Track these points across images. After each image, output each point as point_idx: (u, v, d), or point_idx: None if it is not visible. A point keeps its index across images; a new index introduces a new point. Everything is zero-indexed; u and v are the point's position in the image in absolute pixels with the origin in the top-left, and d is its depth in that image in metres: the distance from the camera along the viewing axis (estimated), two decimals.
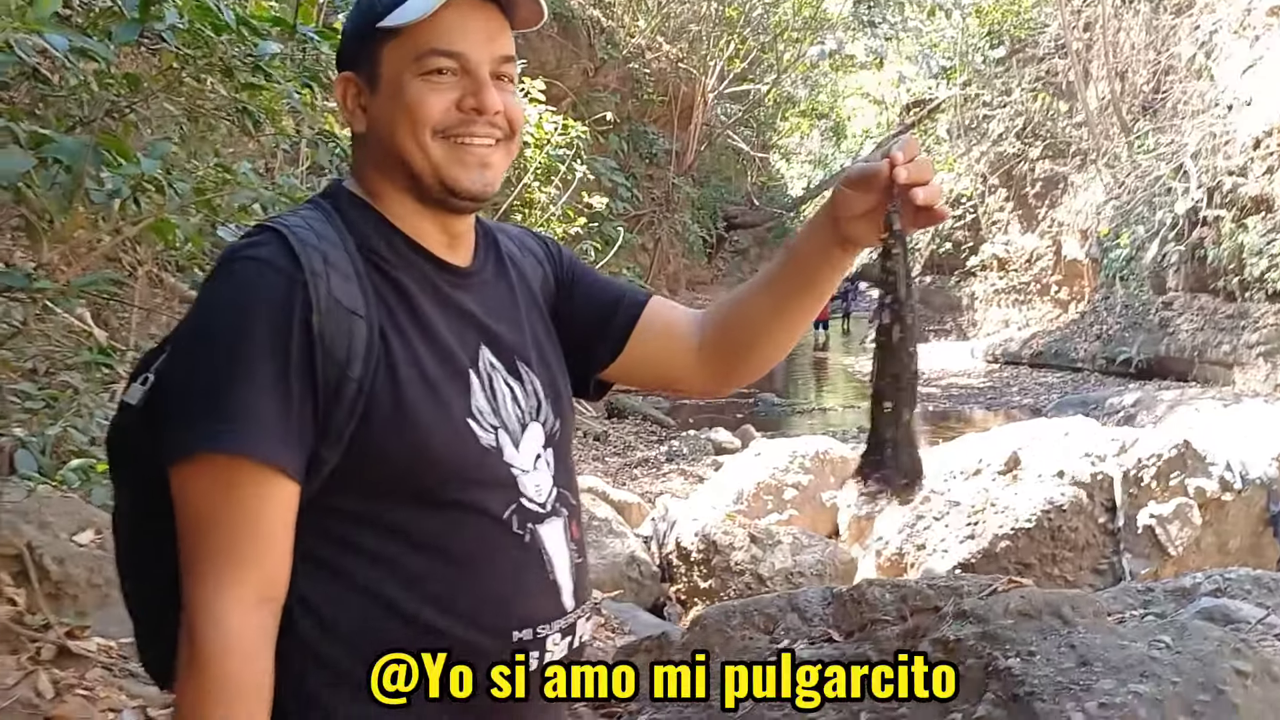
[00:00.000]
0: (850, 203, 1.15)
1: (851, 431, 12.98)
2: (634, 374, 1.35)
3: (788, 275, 1.26)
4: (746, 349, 1.32)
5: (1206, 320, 13.69)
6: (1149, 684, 1.67)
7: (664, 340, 1.31)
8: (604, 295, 1.32)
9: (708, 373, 1.34)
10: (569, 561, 1.15)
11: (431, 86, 1.08)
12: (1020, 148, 20.86)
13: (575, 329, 1.29)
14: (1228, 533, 5.97)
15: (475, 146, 1.10)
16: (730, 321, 1.31)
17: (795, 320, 1.29)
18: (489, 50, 1.10)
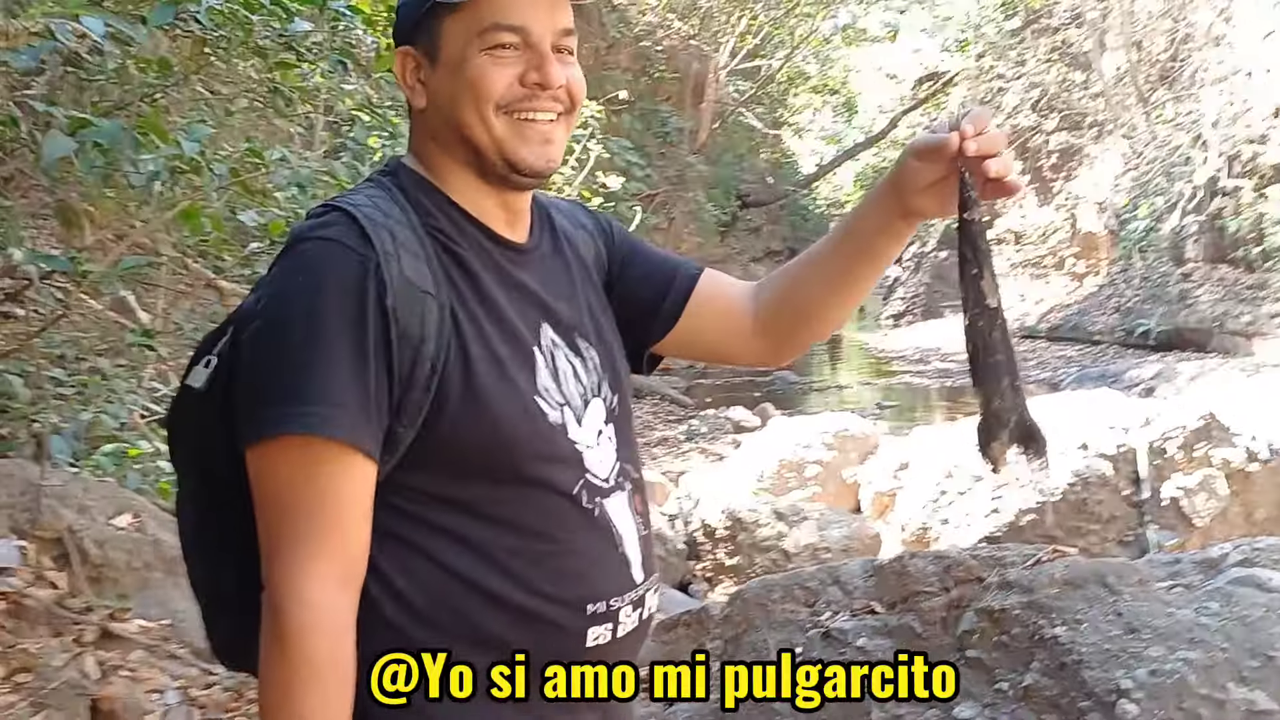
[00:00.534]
0: (917, 175, 1.14)
1: (869, 409, 12.98)
2: (688, 347, 1.35)
3: (848, 247, 1.25)
4: (805, 319, 1.31)
5: (1226, 291, 13.60)
6: (1198, 651, 1.67)
7: (719, 313, 1.31)
8: (658, 270, 1.31)
9: (764, 344, 1.34)
10: (636, 534, 1.15)
11: (495, 61, 1.07)
12: (1036, 120, 20.69)
13: (629, 304, 1.28)
14: (1254, 503, 5.95)
15: (538, 122, 1.09)
16: (788, 293, 1.31)
17: (855, 291, 1.29)
18: (551, 23, 1.09)
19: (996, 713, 1.74)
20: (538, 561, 1.07)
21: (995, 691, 1.78)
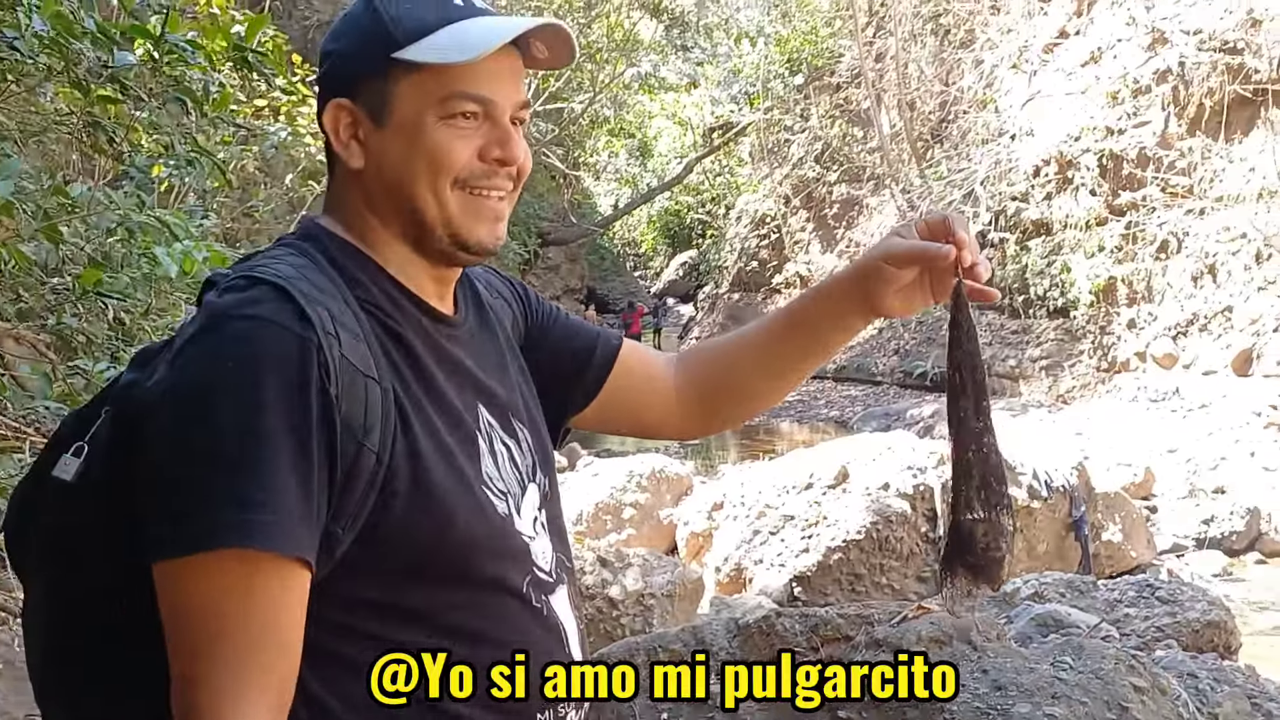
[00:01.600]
0: (891, 278, 1.13)
1: (674, 448, 13.19)
2: (608, 419, 1.29)
3: (795, 336, 1.23)
4: (739, 399, 1.29)
5: (994, 336, 14.68)
6: (1061, 705, 1.75)
7: (640, 385, 1.27)
8: (579, 339, 1.26)
9: (688, 418, 1.30)
10: (576, 629, 1.08)
11: (454, 131, 0.98)
12: (819, 171, 21.82)
13: (549, 375, 1.21)
14: (1036, 538, 6.39)
15: (492, 199, 1.02)
16: (722, 371, 1.28)
17: (796, 377, 1.28)
18: (514, 95, 1.02)
19: None
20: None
21: None
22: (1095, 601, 4.72)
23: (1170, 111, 11.49)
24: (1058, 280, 12.89)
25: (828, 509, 6.37)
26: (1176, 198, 11.33)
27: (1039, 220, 13.54)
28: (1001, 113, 14.78)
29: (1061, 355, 13.15)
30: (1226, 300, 10.77)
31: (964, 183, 14.83)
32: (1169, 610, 4.60)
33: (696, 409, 1.29)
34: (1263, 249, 10.31)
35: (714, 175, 29.91)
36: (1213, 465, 9.51)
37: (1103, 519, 6.85)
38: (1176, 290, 11.43)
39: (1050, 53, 13.96)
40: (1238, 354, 10.44)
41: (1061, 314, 13.16)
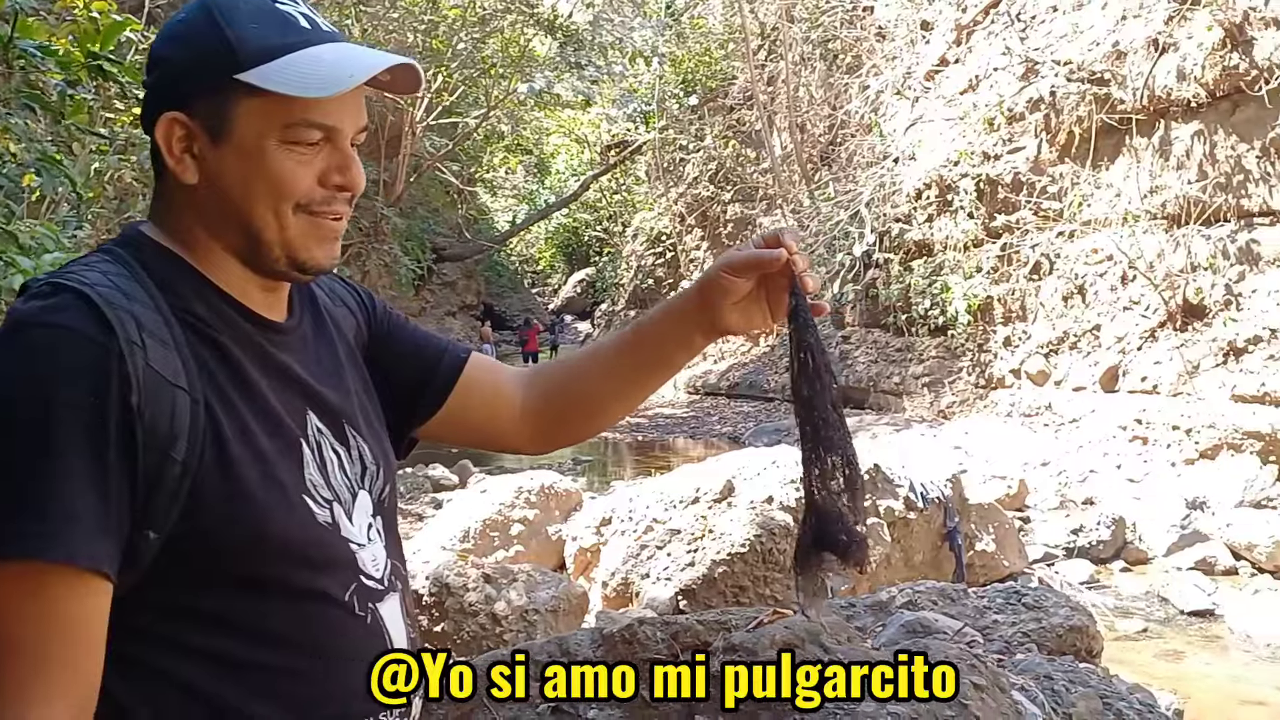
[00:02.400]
0: (730, 290, 1.16)
1: (566, 464, 13.20)
2: (452, 430, 1.30)
3: (641, 354, 1.26)
4: (584, 415, 1.31)
5: (879, 353, 15.09)
6: (905, 705, 1.82)
7: (487, 397, 1.28)
8: (425, 349, 1.26)
9: (533, 432, 1.31)
10: (407, 639, 1.09)
11: (296, 157, 0.98)
12: (714, 190, 22.16)
13: (393, 384, 1.22)
14: (913, 549, 6.57)
15: (331, 221, 1.02)
16: (566, 388, 1.30)
17: (640, 394, 1.30)
18: (357, 122, 1.02)
19: None
20: (307, 680, 0.98)
21: None
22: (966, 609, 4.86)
23: (1042, 138, 12.02)
24: (938, 300, 13.32)
25: (713, 523, 6.45)
26: (1048, 221, 11.84)
27: (921, 241, 13.98)
28: (886, 137, 15.24)
29: (942, 372, 13.59)
30: (1095, 319, 11.28)
31: (850, 204, 15.22)
32: (1034, 616, 4.77)
33: (542, 423, 1.30)
34: (1128, 271, 10.84)
35: (611, 193, 30.12)
36: (1082, 477, 9.93)
37: (977, 529, 7.09)
38: (1048, 310, 11.93)
39: (932, 80, 14.46)
40: (1105, 371, 10.93)
41: (942, 332, 13.59)
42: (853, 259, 15.04)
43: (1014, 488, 9.51)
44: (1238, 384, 9.38)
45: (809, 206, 17.47)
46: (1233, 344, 9.51)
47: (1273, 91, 8.96)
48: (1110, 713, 2.91)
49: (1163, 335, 10.40)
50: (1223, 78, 9.59)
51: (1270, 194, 9.34)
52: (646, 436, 16.42)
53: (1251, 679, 5.91)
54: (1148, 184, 10.64)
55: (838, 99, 18.06)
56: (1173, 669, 6.11)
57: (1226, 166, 9.72)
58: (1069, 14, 11.93)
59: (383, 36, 17.09)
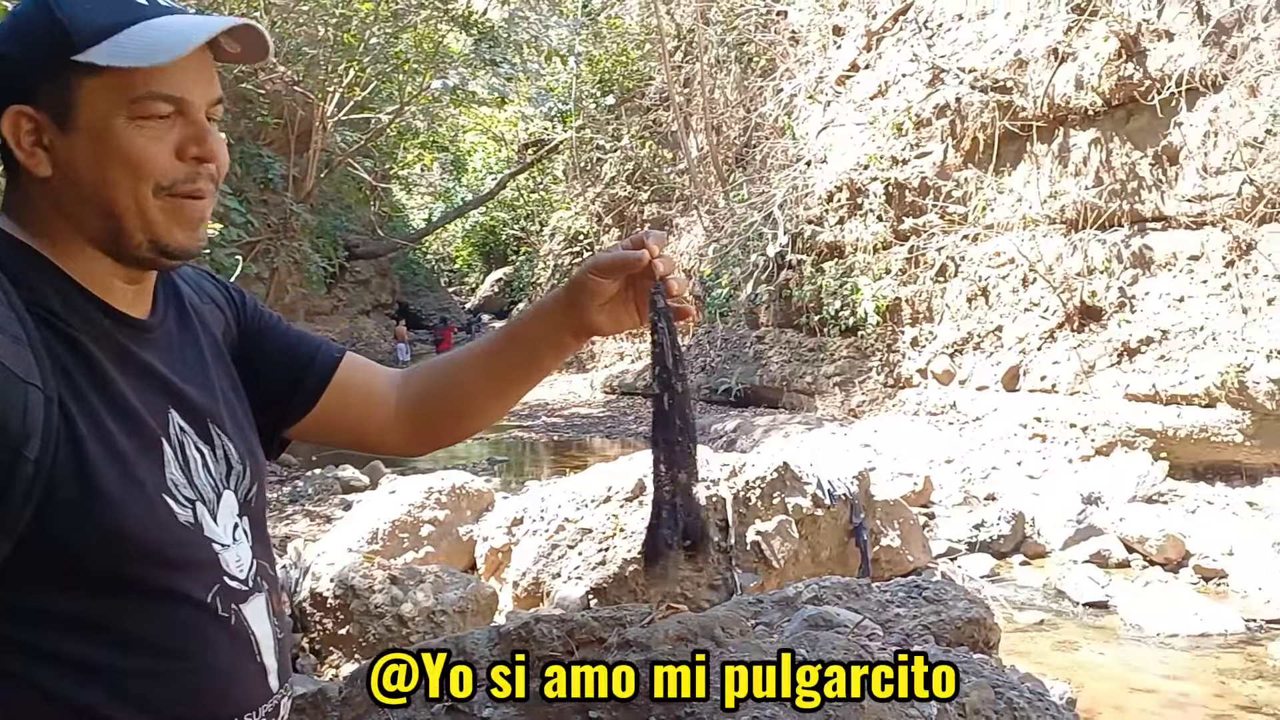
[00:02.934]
0: (597, 290, 1.17)
1: (481, 464, 13.11)
2: (325, 431, 1.28)
3: (512, 355, 1.26)
4: (456, 416, 1.30)
5: (792, 353, 15.30)
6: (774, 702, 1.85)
7: (360, 398, 1.26)
8: (297, 348, 1.24)
9: (407, 434, 1.30)
10: (273, 639, 1.07)
11: (147, 133, 0.95)
12: (631, 191, 22.22)
13: (265, 384, 1.20)
14: (820, 545, 6.68)
15: (195, 202, 1.00)
16: (441, 388, 1.29)
17: (512, 396, 1.30)
18: (208, 93, 1.00)
19: None
20: (165, 683, 0.95)
21: None
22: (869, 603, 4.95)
23: (948, 144, 12.32)
24: (849, 301, 13.56)
25: (625, 521, 6.47)
26: (953, 224, 12.14)
27: (832, 243, 14.21)
28: (799, 140, 15.45)
29: (852, 372, 13.83)
30: (997, 320, 11.60)
31: (764, 205, 15.40)
32: (934, 609, 4.88)
33: (417, 424, 1.30)
34: (1028, 273, 11.17)
35: (529, 192, 29.99)
36: (984, 474, 10.21)
37: (882, 525, 7.23)
38: (954, 311, 12.23)
39: (843, 84, 14.70)
40: (1007, 370, 11.26)
41: (852, 333, 13.84)
42: (766, 260, 15.22)
43: (920, 484, 9.74)
44: (1131, 383, 9.74)
45: (724, 207, 17.62)
46: (1126, 345, 9.88)
47: (1164, 101, 9.33)
48: (1002, 701, 2.99)
49: (1061, 336, 10.75)
50: (1118, 87, 9.95)
51: (1162, 200, 9.72)
52: (563, 436, 16.40)
53: (1142, 668, 6.14)
54: (1047, 189, 10.98)
55: (752, 101, 18.26)
56: (1067, 659, 6.32)
57: (1121, 173, 10.09)
58: (973, 22, 12.25)
59: (293, 29, 16.77)
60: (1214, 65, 9.02)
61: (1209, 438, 9.10)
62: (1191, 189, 9.36)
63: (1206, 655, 6.21)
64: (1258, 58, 8.66)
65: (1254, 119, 8.70)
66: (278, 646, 1.08)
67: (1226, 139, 8.93)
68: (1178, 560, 7.79)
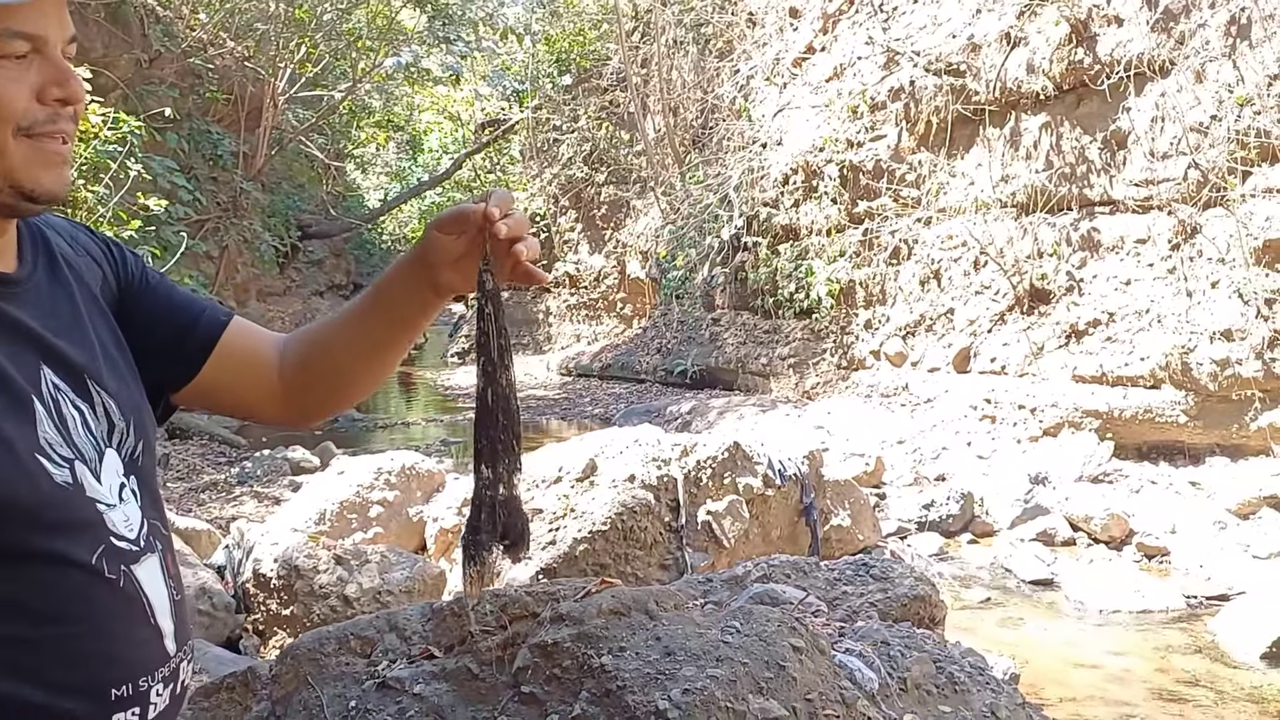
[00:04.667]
0: (443, 248, 1.13)
1: (435, 445, 13.02)
2: (209, 398, 1.23)
3: (378, 314, 1.21)
4: (333, 384, 1.25)
5: (748, 335, 15.34)
6: (724, 667, 1.84)
7: (245, 365, 1.21)
8: (181, 310, 1.19)
9: (290, 404, 1.25)
10: (169, 601, 1.03)
11: (6, 74, 0.91)
12: (588, 172, 22.10)
13: (146, 344, 1.14)
14: (771, 524, 6.71)
15: (58, 143, 0.95)
16: (314, 356, 1.24)
17: (385, 359, 1.25)
18: (63, 31, 0.95)
19: None
20: (49, 649, 0.91)
21: None
22: (817, 581, 4.98)
23: (902, 127, 12.37)
24: (803, 283, 13.60)
25: (575, 501, 6.45)
26: (907, 208, 12.21)
27: (788, 226, 14.24)
28: (755, 122, 15.45)
29: (807, 354, 13.90)
30: (949, 303, 11.70)
31: (719, 187, 15.39)
32: (881, 587, 4.92)
33: (297, 396, 1.25)
34: (980, 256, 11.27)
35: (485, 172, 29.72)
36: (935, 455, 10.31)
37: (832, 505, 7.28)
38: (906, 294, 12.31)
39: (799, 67, 14.71)
40: (958, 352, 11.36)
41: (807, 315, 13.89)
42: (722, 242, 15.22)
43: (871, 465, 9.82)
44: (1078, 365, 9.87)
45: (680, 189, 17.59)
46: (1074, 327, 10.00)
47: (1114, 86, 9.43)
48: (943, 675, 3.01)
49: (1011, 319, 10.87)
50: (1069, 72, 10.04)
51: (1110, 184, 9.84)
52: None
53: (1084, 644, 6.24)
54: (999, 173, 11.07)
55: (709, 83, 18.22)
56: (1012, 635, 6.41)
57: (1071, 157, 10.19)
58: (927, 6, 12.30)
59: (243, 4, 16.46)
60: (1161, 51, 9.12)
61: (1153, 418, 9.26)
62: (1139, 173, 9.48)
63: (1148, 631, 6.33)
64: (1204, 44, 8.77)
65: (1200, 104, 8.82)
66: (174, 609, 1.04)
67: (1173, 124, 9.05)
68: (1121, 538, 7.92)
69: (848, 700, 1.95)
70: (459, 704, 1.93)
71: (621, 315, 21.40)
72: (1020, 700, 2.98)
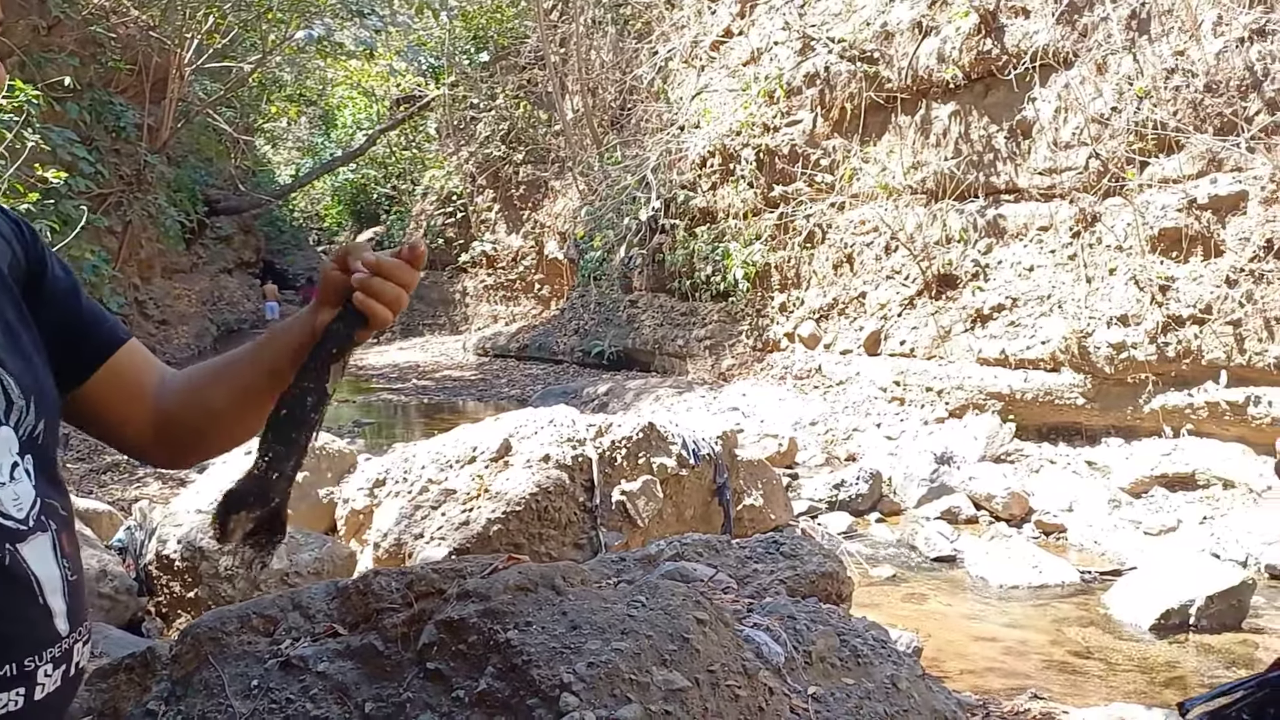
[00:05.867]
0: (333, 284, 1.13)
1: (347, 426, 12.83)
2: (86, 414, 1.18)
3: (257, 371, 1.18)
4: (203, 426, 1.22)
5: (665, 317, 15.41)
6: (629, 640, 1.87)
7: (131, 389, 1.18)
8: (83, 309, 1.16)
9: (160, 441, 1.22)
10: (61, 581, 1.01)
11: None
12: (506, 151, 21.91)
13: (42, 334, 1.10)
14: (684, 504, 6.78)
15: None
16: (188, 402, 1.20)
17: (257, 416, 1.19)
18: None
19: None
20: None
21: (452, 700, 1.84)
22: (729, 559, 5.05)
23: (818, 113, 12.52)
24: (720, 266, 13.71)
25: (490, 481, 6.43)
26: (821, 193, 12.38)
27: (705, 208, 14.33)
28: (673, 104, 15.48)
29: (723, 336, 14.03)
30: (861, 287, 11.91)
31: (638, 169, 15.40)
32: (790, 564, 5.01)
33: (167, 437, 1.22)
34: (891, 242, 11.49)
35: (400, 149, 29.26)
36: (846, 435, 10.52)
37: (745, 485, 7.37)
38: (820, 277, 12.50)
39: (718, 50, 14.77)
40: (869, 335, 11.59)
41: (723, 298, 14.01)
42: (639, 224, 15.25)
43: (784, 446, 9.97)
44: (983, 348, 10.15)
45: (598, 170, 17.55)
46: (979, 311, 10.28)
47: (1020, 76, 9.68)
48: (847, 649, 3.08)
49: (920, 303, 11.11)
50: (977, 61, 10.27)
51: (1016, 172, 10.11)
52: (433, 399, 16.17)
53: (984, 618, 6.45)
54: (910, 160, 11.29)
55: (628, 64, 18.19)
56: (917, 610, 6.59)
57: (979, 146, 10.44)
58: None
59: None
60: (1066, 42, 9.39)
61: (1053, 400, 9.57)
62: (1043, 162, 9.76)
63: (1044, 605, 6.57)
64: (1106, 36, 9.05)
65: (1101, 96, 9.11)
66: (68, 588, 1.02)
67: (1075, 114, 9.33)
68: (1021, 516, 8.19)
69: (750, 671, 2.00)
70: (364, 681, 1.92)
71: (539, 296, 21.30)
72: (920, 672, 3.08)
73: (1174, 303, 8.63)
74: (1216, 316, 8.40)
